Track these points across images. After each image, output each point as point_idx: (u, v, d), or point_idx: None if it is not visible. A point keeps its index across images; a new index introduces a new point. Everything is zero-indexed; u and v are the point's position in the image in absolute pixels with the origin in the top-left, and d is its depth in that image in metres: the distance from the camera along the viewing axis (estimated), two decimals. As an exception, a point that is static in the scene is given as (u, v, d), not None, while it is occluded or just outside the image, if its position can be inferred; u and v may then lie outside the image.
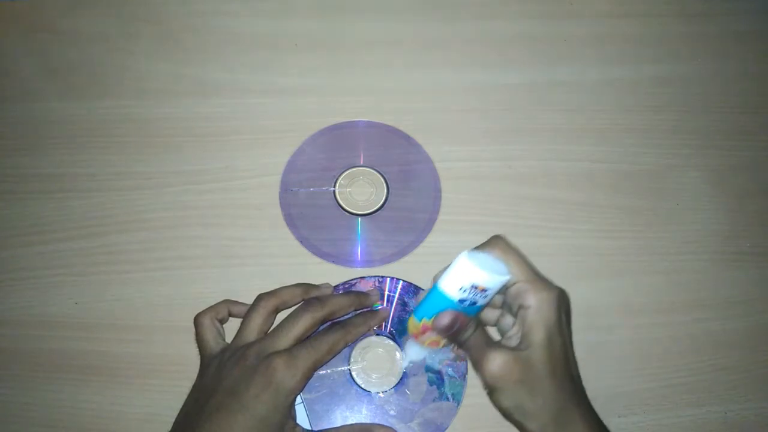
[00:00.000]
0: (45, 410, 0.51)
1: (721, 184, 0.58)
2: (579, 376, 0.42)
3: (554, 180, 0.57)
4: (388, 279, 0.53)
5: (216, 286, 0.53)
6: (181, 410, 0.44)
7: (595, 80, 0.60)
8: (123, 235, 0.55)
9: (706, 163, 0.58)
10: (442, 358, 0.51)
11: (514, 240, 0.56)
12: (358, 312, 0.50)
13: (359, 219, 0.55)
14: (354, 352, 0.51)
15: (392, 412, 0.50)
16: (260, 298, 0.47)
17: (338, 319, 0.48)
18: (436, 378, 0.51)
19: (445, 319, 0.39)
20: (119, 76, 0.59)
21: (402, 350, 0.44)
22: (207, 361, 0.45)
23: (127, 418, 0.51)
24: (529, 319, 0.39)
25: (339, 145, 0.57)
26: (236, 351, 0.44)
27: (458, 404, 0.51)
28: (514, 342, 0.40)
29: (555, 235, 0.56)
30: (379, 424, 0.49)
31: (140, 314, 0.53)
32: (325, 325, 0.47)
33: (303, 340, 0.44)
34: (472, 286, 0.39)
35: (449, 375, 0.51)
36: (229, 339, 0.47)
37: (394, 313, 0.52)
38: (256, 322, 0.46)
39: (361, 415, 0.50)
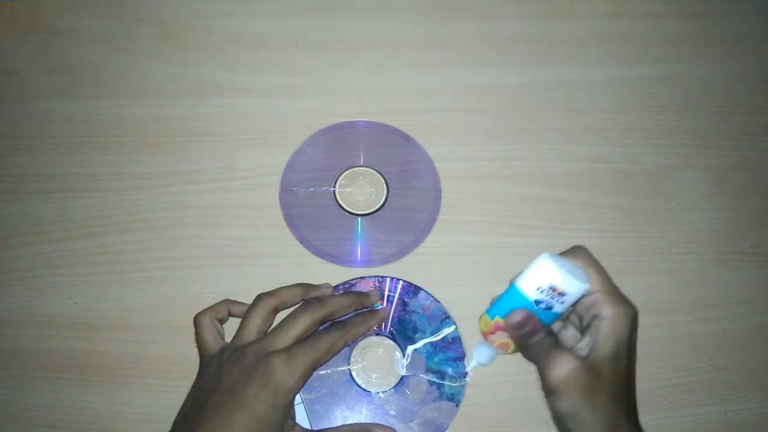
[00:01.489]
0: (45, 410, 0.51)
1: (721, 184, 0.58)
2: (635, 399, 0.41)
3: (554, 180, 0.57)
4: (388, 279, 0.53)
5: (216, 286, 0.53)
6: (181, 410, 0.44)
7: (595, 80, 0.60)
8: (123, 235, 0.55)
9: (706, 163, 0.58)
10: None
11: (514, 239, 0.56)
12: (358, 312, 0.50)
13: (359, 219, 0.55)
14: (354, 352, 0.51)
15: (392, 412, 0.50)
16: (260, 297, 0.47)
17: (338, 319, 0.48)
18: (437, 378, 0.51)
19: (517, 317, 0.39)
20: (119, 76, 0.59)
21: (473, 351, 0.44)
22: (206, 360, 0.45)
23: (127, 418, 0.51)
24: (603, 330, 0.39)
25: (339, 145, 0.57)
26: (235, 350, 0.44)
27: (458, 404, 0.51)
28: (583, 352, 0.40)
29: (555, 235, 0.56)
30: (379, 424, 0.49)
31: (140, 314, 0.53)
32: (324, 325, 0.47)
33: (302, 340, 0.44)
34: (550, 288, 0.39)
35: (449, 375, 0.51)
36: (228, 339, 0.47)
37: (394, 313, 0.52)
38: (256, 321, 0.45)
39: (361, 415, 0.50)
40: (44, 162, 0.57)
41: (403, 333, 0.52)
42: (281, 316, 0.47)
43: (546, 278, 0.38)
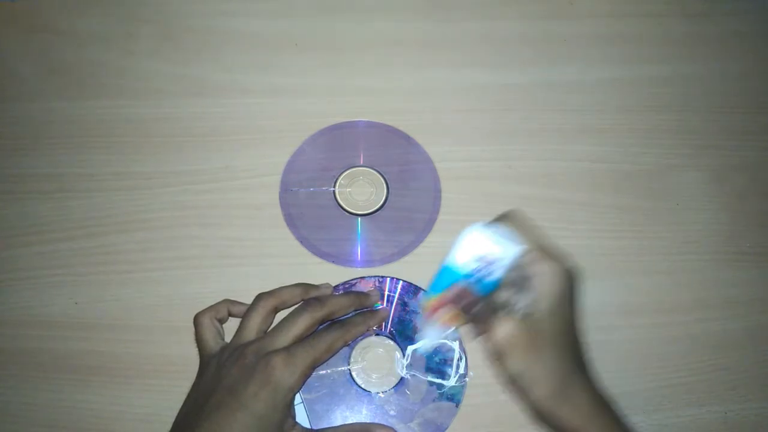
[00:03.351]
0: (45, 410, 0.51)
1: (721, 184, 0.58)
2: (584, 350, 0.43)
3: (554, 180, 0.57)
4: (388, 279, 0.53)
5: (215, 286, 0.53)
6: (181, 410, 0.44)
7: (595, 80, 0.60)
8: (122, 235, 0.55)
9: (706, 163, 0.58)
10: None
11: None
12: (358, 312, 0.50)
13: (359, 219, 0.55)
14: (354, 352, 0.51)
15: (392, 412, 0.50)
16: (259, 297, 0.47)
17: (338, 319, 0.48)
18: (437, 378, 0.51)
19: (454, 290, 0.41)
20: (119, 76, 0.59)
21: (418, 334, 0.45)
22: (206, 360, 0.45)
23: (127, 418, 0.51)
24: (539, 286, 0.41)
25: (339, 145, 0.57)
26: (235, 350, 0.44)
27: (458, 404, 0.51)
28: (524, 311, 0.41)
29: (555, 236, 0.55)
30: (378, 424, 0.49)
31: (140, 314, 0.53)
32: (324, 325, 0.47)
33: (302, 339, 0.44)
34: (481, 257, 0.40)
35: (449, 375, 0.51)
36: (228, 339, 0.47)
37: (394, 313, 0.52)
38: (255, 321, 0.46)
39: (361, 415, 0.50)
40: (44, 162, 0.57)
41: (403, 333, 0.52)
42: (281, 316, 0.47)
43: (474, 248, 0.40)
